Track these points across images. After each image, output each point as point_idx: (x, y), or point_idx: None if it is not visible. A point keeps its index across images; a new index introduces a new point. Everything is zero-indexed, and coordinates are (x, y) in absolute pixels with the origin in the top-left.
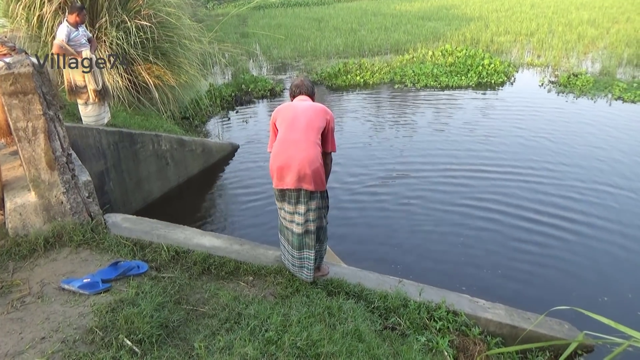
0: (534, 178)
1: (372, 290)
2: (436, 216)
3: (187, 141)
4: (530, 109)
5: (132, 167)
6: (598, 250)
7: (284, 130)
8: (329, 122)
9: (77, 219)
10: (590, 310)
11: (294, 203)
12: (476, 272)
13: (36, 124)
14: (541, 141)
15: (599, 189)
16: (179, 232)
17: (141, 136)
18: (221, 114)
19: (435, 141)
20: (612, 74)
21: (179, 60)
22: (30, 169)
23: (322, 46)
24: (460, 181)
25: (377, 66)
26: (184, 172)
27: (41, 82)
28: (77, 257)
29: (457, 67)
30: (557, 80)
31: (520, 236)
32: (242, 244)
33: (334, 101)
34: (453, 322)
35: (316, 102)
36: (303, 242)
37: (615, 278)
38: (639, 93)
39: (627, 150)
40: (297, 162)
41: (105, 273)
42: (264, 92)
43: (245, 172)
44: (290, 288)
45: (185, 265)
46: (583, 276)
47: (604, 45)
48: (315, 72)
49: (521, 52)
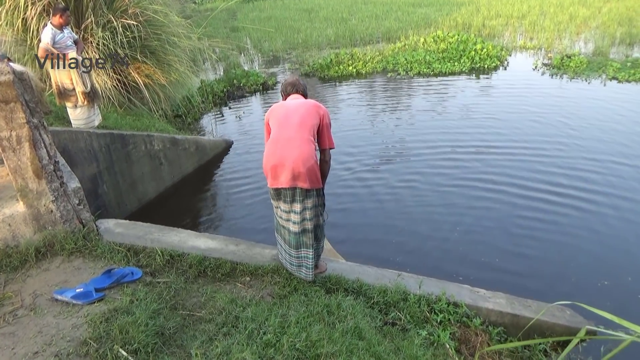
0: (532, 158)
1: (371, 285)
2: (431, 198)
3: (180, 140)
4: (525, 91)
5: (126, 169)
6: (596, 231)
7: (276, 129)
8: (323, 118)
9: (68, 227)
10: (592, 296)
11: (290, 202)
12: (472, 255)
13: (20, 133)
14: (536, 123)
15: (599, 171)
16: (173, 235)
17: (133, 137)
18: (214, 110)
19: (428, 126)
20: (605, 54)
21: (168, 58)
22: (17, 178)
23: (313, 37)
24: (458, 163)
25: (369, 55)
26: (178, 171)
27: (23, 90)
28: (69, 266)
29: (449, 53)
30: (551, 63)
31: (518, 217)
32: (237, 244)
33: (327, 92)
34: (454, 313)
35: (308, 99)
36: (300, 241)
37: (614, 261)
38: (633, 72)
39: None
40: (290, 160)
41: (99, 281)
42: (256, 87)
43: (240, 168)
44: (288, 287)
45: (181, 269)
46: (582, 259)
47: (596, 25)
48: (307, 63)
49: (513, 35)
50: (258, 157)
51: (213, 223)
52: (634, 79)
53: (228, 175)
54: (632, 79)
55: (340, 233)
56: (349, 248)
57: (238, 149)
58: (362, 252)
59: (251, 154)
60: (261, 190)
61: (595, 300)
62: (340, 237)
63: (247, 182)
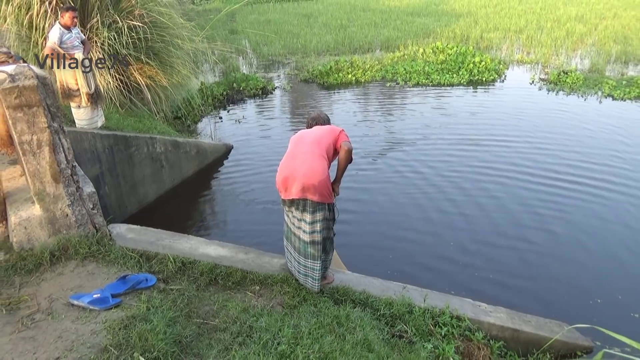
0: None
1: (377, 297)
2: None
3: (181, 143)
4: (522, 106)
5: (127, 171)
6: (592, 246)
7: (291, 147)
8: (339, 136)
9: (82, 231)
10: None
11: (301, 210)
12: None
13: (41, 137)
14: (536, 140)
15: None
16: (184, 241)
17: (136, 139)
18: (213, 113)
19: (429, 135)
20: (601, 71)
21: (171, 60)
22: (35, 182)
23: (313, 43)
24: (459, 175)
25: (368, 64)
26: (178, 174)
27: (45, 94)
28: (83, 270)
29: (448, 65)
30: (548, 78)
31: (517, 225)
32: (247, 253)
33: (327, 99)
34: (457, 327)
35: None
36: (308, 252)
37: (607, 279)
38: (628, 91)
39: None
40: (301, 173)
41: (114, 287)
42: (256, 91)
43: (239, 173)
44: (298, 297)
45: (192, 276)
46: (579, 275)
47: (592, 42)
48: (307, 70)
49: (511, 49)
50: (258, 162)
51: (211, 228)
52: (629, 97)
53: (227, 180)
54: (627, 97)
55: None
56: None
57: (238, 154)
58: (363, 260)
59: (251, 159)
60: (260, 194)
61: (594, 318)
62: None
63: (246, 187)
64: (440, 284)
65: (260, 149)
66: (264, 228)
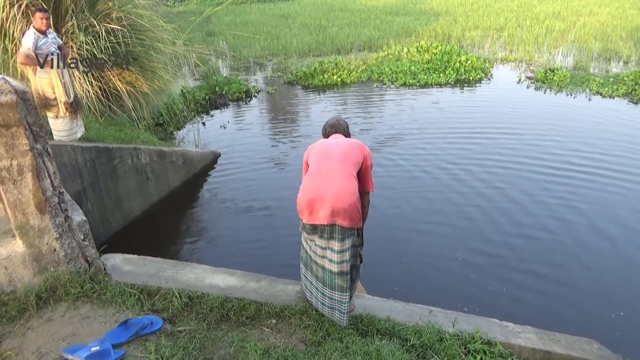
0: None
1: (403, 325)
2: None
3: (167, 152)
4: (516, 104)
5: (111, 185)
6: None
7: (315, 161)
8: (366, 159)
9: (72, 266)
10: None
11: (327, 238)
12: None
13: (22, 162)
14: (531, 138)
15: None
16: (188, 271)
17: (119, 150)
18: (196, 119)
19: (423, 136)
20: (585, 68)
21: (152, 64)
22: (17, 214)
23: (293, 44)
24: (456, 176)
25: (353, 64)
26: (165, 185)
27: (26, 112)
28: (76, 314)
29: (434, 64)
30: (535, 76)
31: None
32: (258, 281)
33: (313, 102)
34: (489, 354)
35: (352, 138)
36: (335, 283)
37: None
38: (616, 88)
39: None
40: (331, 194)
41: (115, 335)
42: (239, 94)
43: (228, 182)
44: (320, 331)
45: (201, 313)
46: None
47: (572, 39)
48: (290, 71)
49: (493, 47)
50: (246, 170)
51: (201, 242)
52: (617, 94)
53: (216, 190)
54: (615, 95)
55: None
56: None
57: (225, 162)
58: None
59: (239, 167)
60: (250, 206)
61: (617, 332)
62: None
63: (235, 197)
64: (450, 295)
65: (248, 155)
66: (258, 239)
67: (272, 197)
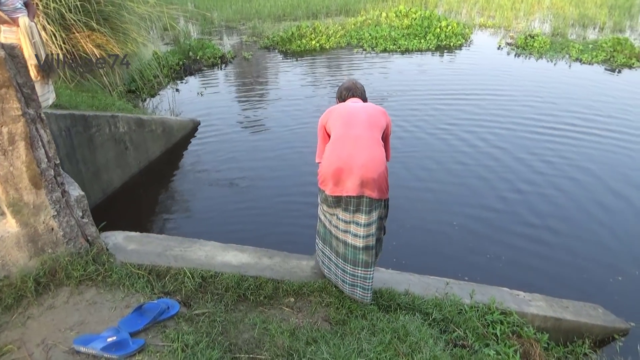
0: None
1: (422, 299)
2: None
3: (146, 121)
4: (500, 69)
5: (88, 155)
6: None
7: (340, 127)
8: (388, 126)
9: (72, 247)
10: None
11: (353, 211)
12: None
13: (13, 129)
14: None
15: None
16: (197, 249)
17: (96, 118)
18: (171, 85)
19: (413, 102)
20: (564, 34)
21: (124, 26)
22: (8, 189)
23: (267, 7)
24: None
25: (331, 29)
26: (144, 156)
27: (16, 71)
28: (81, 299)
29: (414, 30)
30: (515, 42)
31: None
32: (271, 257)
33: (292, 67)
34: (507, 323)
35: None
36: (360, 259)
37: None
38: (595, 54)
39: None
40: (360, 162)
41: (131, 323)
42: (214, 60)
43: (209, 152)
44: (343, 309)
45: (217, 294)
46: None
47: (548, 4)
48: (267, 36)
49: (471, 13)
50: (227, 139)
51: (185, 215)
52: (597, 60)
53: (197, 159)
54: (594, 61)
55: None
56: None
57: (205, 130)
58: None
59: (219, 135)
60: (233, 175)
61: (615, 297)
62: None
63: (218, 167)
64: (451, 263)
65: (229, 123)
66: (243, 209)
67: (255, 164)
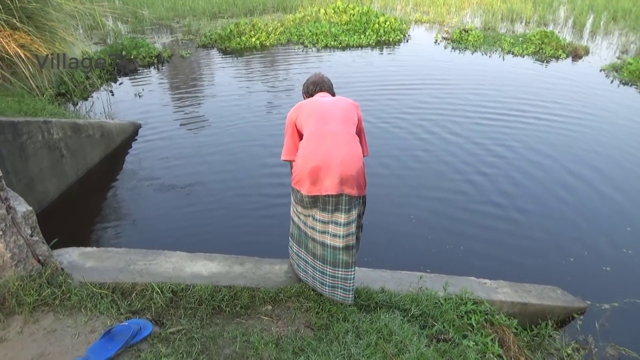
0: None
1: (399, 295)
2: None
3: (82, 125)
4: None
5: (20, 165)
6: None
7: (314, 123)
8: (360, 120)
9: (22, 269)
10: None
11: (331, 210)
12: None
13: None
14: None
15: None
16: (163, 261)
17: (26, 125)
18: (104, 87)
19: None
20: (494, 28)
21: (51, 24)
22: None
23: (201, 5)
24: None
25: (271, 26)
26: (82, 163)
27: None
28: (38, 328)
29: (353, 25)
30: (450, 37)
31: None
32: (242, 263)
33: (232, 66)
34: (479, 313)
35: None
36: (339, 259)
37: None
38: (525, 47)
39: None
40: (338, 159)
41: (100, 350)
42: (150, 59)
43: (151, 155)
44: (324, 313)
45: (190, 308)
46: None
47: (477, 0)
48: (204, 34)
49: (406, 9)
50: (170, 142)
51: (130, 225)
52: (527, 53)
53: (140, 164)
54: (525, 53)
55: None
56: None
57: (146, 133)
58: None
59: (162, 138)
60: (178, 180)
61: (568, 278)
62: None
63: (162, 171)
64: (412, 257)
65: (170, 124)
66: (202, 211)
67: (203, 161)
